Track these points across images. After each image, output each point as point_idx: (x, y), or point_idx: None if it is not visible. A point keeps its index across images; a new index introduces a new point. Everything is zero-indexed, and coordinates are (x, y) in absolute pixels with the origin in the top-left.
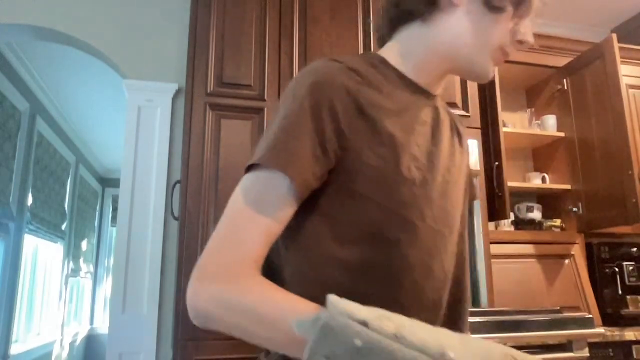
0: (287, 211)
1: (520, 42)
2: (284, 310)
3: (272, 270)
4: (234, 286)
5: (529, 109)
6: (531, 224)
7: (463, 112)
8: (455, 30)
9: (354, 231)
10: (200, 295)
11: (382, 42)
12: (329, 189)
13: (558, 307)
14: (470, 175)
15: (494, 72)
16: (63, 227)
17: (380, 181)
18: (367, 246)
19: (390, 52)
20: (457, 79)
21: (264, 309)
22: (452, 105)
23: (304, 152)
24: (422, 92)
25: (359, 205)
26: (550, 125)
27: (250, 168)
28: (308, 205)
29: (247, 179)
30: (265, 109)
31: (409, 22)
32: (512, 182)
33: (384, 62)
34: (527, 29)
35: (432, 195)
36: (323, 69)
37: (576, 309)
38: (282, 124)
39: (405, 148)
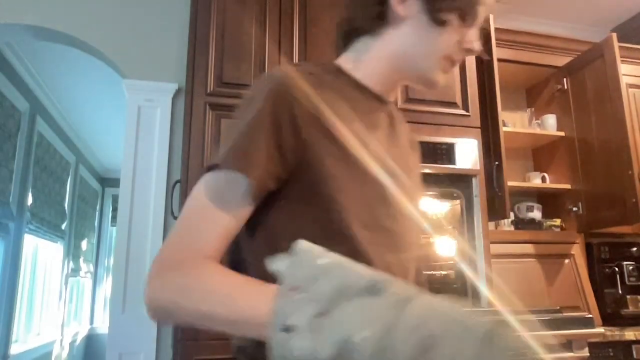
0: (244, 209)
1: (468, 50)
2: (244, 287)
3: (235, 265)
4: (191, 272)
5: (529, 109)
6: (531, 224)
7: (463, 112)
8: (404, 42)
9: (316, 229)
10: (155, 287)
11: (338, 53)
12: (291, 189)
13: (558, 307)
14: (421, 179)
15: (445, 80)
16: (63, 227)
17: (338, 182)
18: (327, 244)
19: (345, 62)
20: (457, 79)
21: (224, 289)
22: (452, 105)
23: (261, 155)
24: (377, 99)
25: (319, 204)
26: (550, 125)
27: (210, 169)
28: (273, 203)
29: (207, 179)
30: None
31: (360, 35)
32: (512, 182)
33: (340, 70)
34: (474, 37)
35: (387, 196)
36: (283, 74)
37: (576, 309)
38: (243, 128)
39: (363, 151)
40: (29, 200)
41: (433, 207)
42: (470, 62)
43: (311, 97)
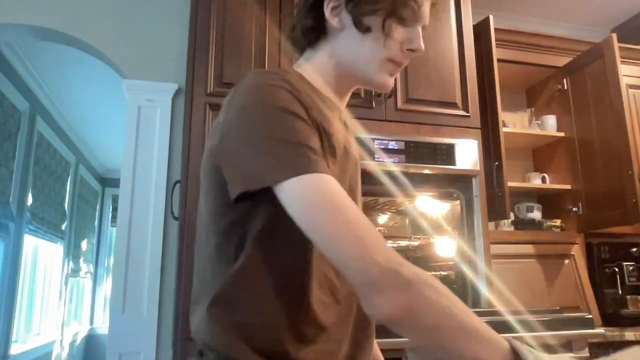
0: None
1: (411, 50)
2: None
3: (226, 249)
4: (427, 279)
5: (529, 109)
6: (531, 224)
7: (463, 112)
8: (343, 51)
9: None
10: (412, 295)
11: (294, 61)
12: None
13: (558, 308)
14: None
15: (393, 81)
16: (63, 227)
17: None
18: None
19: (302, 70)
20: (457, 78)
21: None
22: (452, 105)
23: (319, 149)
24: (333, 105)
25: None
26: (550, 125)
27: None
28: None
29: (309, 187)
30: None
31: (306, 47)
32: (512, 182)
33: (302, 77)
34: (415, 37)
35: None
36: (272, 74)
37: (576, 309)
38: (285, 133)
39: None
40: (29, 200)
41: (433, 207)
42: (470, 62)
43: (303, 96)
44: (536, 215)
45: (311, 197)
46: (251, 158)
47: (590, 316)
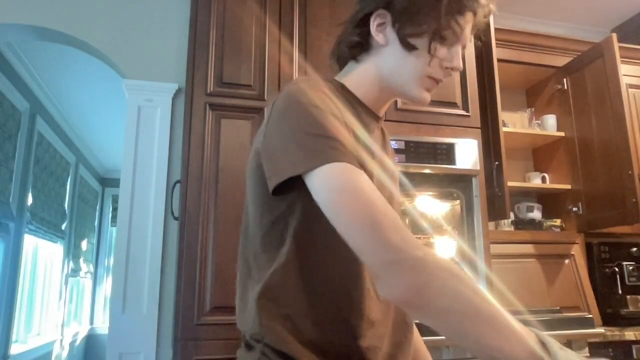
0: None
1: (450, 68)
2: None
3: (268, 246)
4: (444, 264)
5: (529, 109)
6: (531, 224)
7: (463, 112)
8: (385, 66)
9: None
10: (426, 278)
11: (336, 71)
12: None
13: (558, 307)
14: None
15: (430, 97)
16: (63, 227)
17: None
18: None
19: (345, 80)
20: (457, 78)
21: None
22: (452, 105)
23: (349, 144)
24: (372, 115)
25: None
26: (550, 125)
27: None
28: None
29: (334, 174)
30: (265, 109)
31: (349, 60)
32: (512, 182)
33: (344, 87)
34: (455, 56)
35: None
36: (311, 82)
37: (576, 309)
38: (317, 128)
39: (364, 165)
40: (29, 200)
41: (433, 207)
42: (470, 62)
43: (338, 101)
44: (536, 215)
45: (334, 183)
46: (286, 152)
47: (590, 316)
